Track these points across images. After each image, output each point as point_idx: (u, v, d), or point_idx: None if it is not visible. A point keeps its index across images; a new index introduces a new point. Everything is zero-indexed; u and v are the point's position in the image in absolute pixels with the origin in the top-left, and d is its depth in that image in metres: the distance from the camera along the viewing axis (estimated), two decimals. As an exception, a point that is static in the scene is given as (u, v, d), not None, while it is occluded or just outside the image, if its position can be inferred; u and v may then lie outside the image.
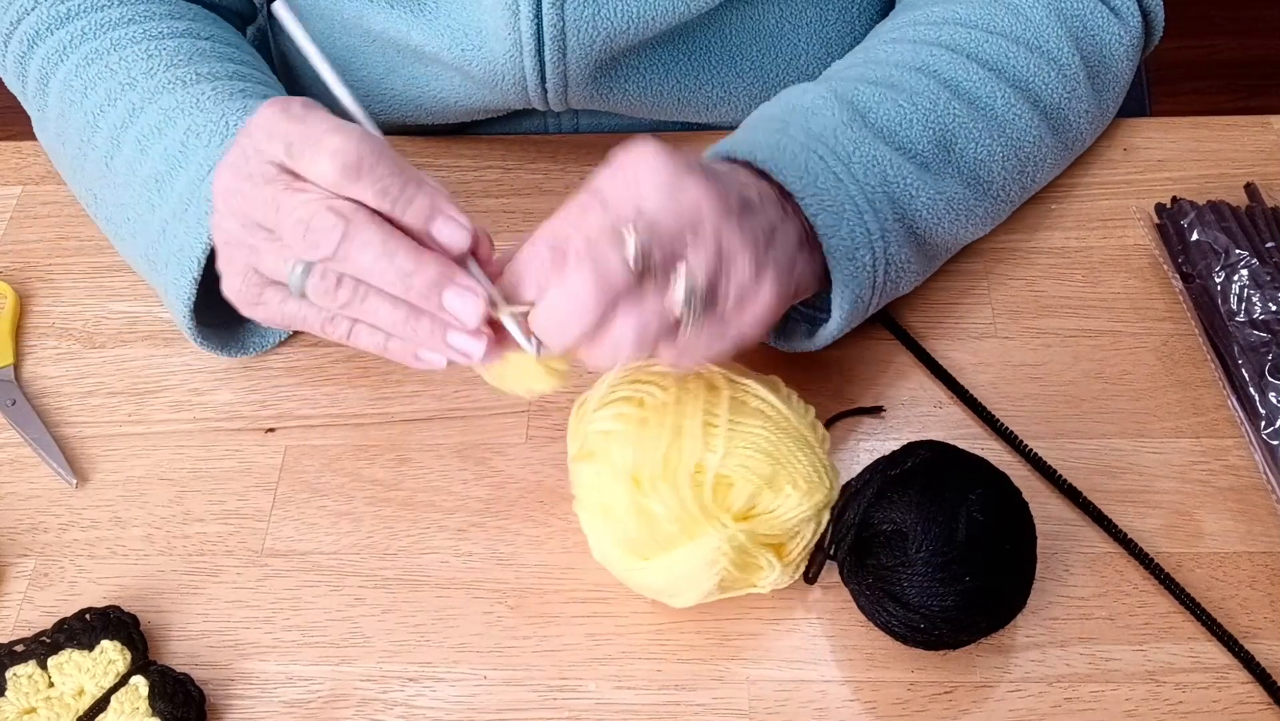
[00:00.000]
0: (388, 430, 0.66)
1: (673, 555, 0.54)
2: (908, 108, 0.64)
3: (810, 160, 0.59)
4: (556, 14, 0.68)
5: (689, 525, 0.53)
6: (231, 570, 0.61)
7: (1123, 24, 0.71)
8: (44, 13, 0.68)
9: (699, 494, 0.53)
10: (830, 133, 0.61)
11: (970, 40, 0.67)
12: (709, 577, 0.54)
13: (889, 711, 0.56)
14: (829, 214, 0.58)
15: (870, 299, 0.62)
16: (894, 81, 0.65)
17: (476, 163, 0.78)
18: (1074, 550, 0.60)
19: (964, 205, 0.65)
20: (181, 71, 0.65)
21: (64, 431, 0.67)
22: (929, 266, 0.67)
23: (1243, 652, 0.56)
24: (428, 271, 0.48)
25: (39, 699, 0.55)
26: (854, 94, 0.64)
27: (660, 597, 0.57)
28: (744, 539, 0.54)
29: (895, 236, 0.61)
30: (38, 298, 0.73)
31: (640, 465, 0.54)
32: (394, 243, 0.48)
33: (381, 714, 0.57)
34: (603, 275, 0.47)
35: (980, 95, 0.66)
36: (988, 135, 0.66)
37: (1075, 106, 0.69)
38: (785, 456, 0.54)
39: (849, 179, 0.60)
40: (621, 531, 0.55)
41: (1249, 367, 0.64)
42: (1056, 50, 0.68)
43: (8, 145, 0.81)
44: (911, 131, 0.63)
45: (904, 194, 0.62)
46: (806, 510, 0.55)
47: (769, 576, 0.56)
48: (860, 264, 0.60)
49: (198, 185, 0.61)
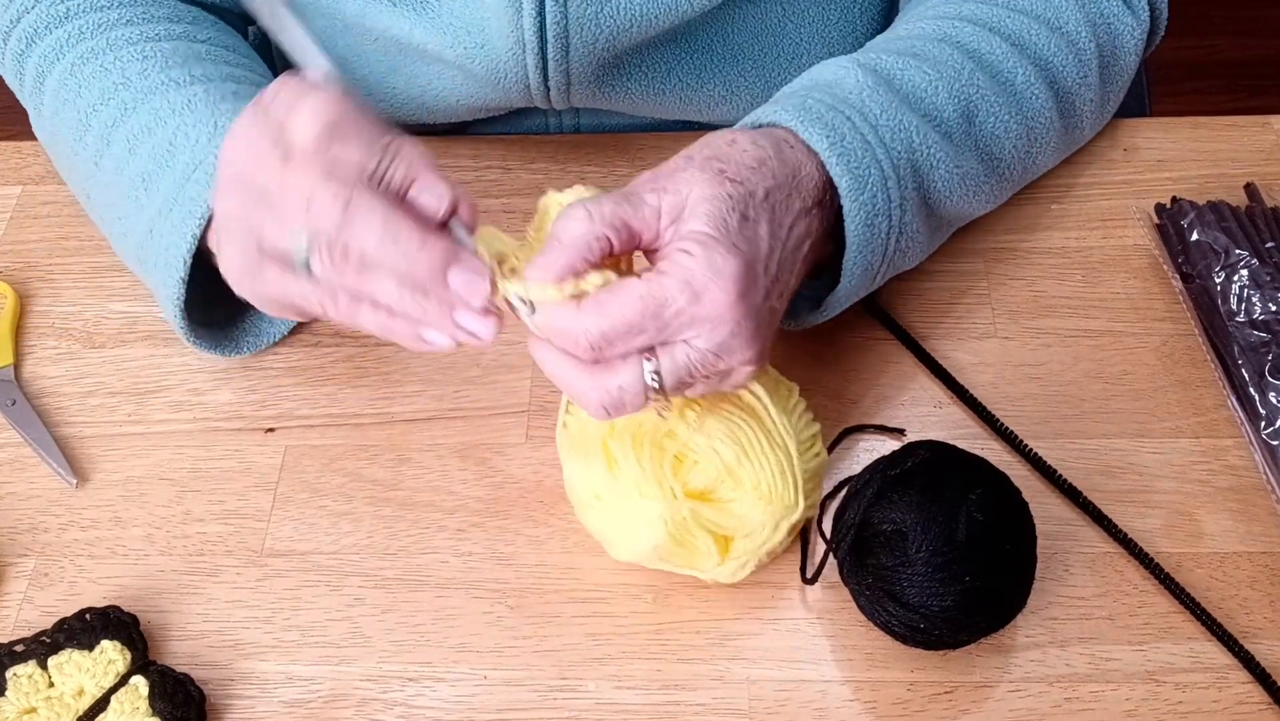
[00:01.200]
0: (388, 430, 0.66)
1: (619, 505, 0.56)
2: (933, 75, 0.63)
3: (838, 121, 0.58)
4: (559, 12, 0.68)
5: (641, 483, 0.55)
6: (231, 570, 0.61)
7: (1135, 17, 0.71)
8: (43, 11, 0.68)
9: (658, 457, 0.55)
10: (857, 96, 0.60)
11: (993, 15, 0.67)
12: (645, 539, 0.56)
13: (889, 711, 0.56)
14: (853, 177, 0.57)
15: (880, 269, 0.62)
16: (917, 51, 0.64)
17: (476, 163, 0.78)
18: (1074, 550, 0.60)
19: (975, 180, 0.65)
20: (176, 73, 0.65)
21: (64, 431, 0.67)
22: (933, 242, 0.67)
23: (1243, 652, 0.56)
24: (433, 252, 0.48)
25: (39, 699, 0.55)
26: (878, 63, 0.63)
27: (602, 542, 0.59)
28: (687, 516, 0.55)
29: (912, 206, 0.61)
30: (38, 298, 0.73)
31: None
32: (396, 221, 0.48)
33: (381, 714, 0.57)
34: (611, 394, 0.51)
35: (1003, 69, 0.65)
36: (1006, 110, 0.65)
37: (1084, 94, 0.69)
38: (755, 455, 0.55)
39: (877, 143, 0.59)
40: (586, 464, 0.57)
41: (1249, 367, 0.64)
42: (1075, 33, 0.68)
43: (8, 145, 0.81)
44: (938, 98, 0.63)
45: (926, 163, 0.61)
46: (760, 514, 0.56)
47: (707, 563, 0.57)
48: (877, 231, 0.59)
49: (182, 185, 0.61)
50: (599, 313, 0.49)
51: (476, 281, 0.49)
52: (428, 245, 0.48)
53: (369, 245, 0.48)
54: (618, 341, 0.50)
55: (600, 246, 0.51)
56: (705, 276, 0.50)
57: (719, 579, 0.58)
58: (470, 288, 0.49)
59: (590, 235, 0.50)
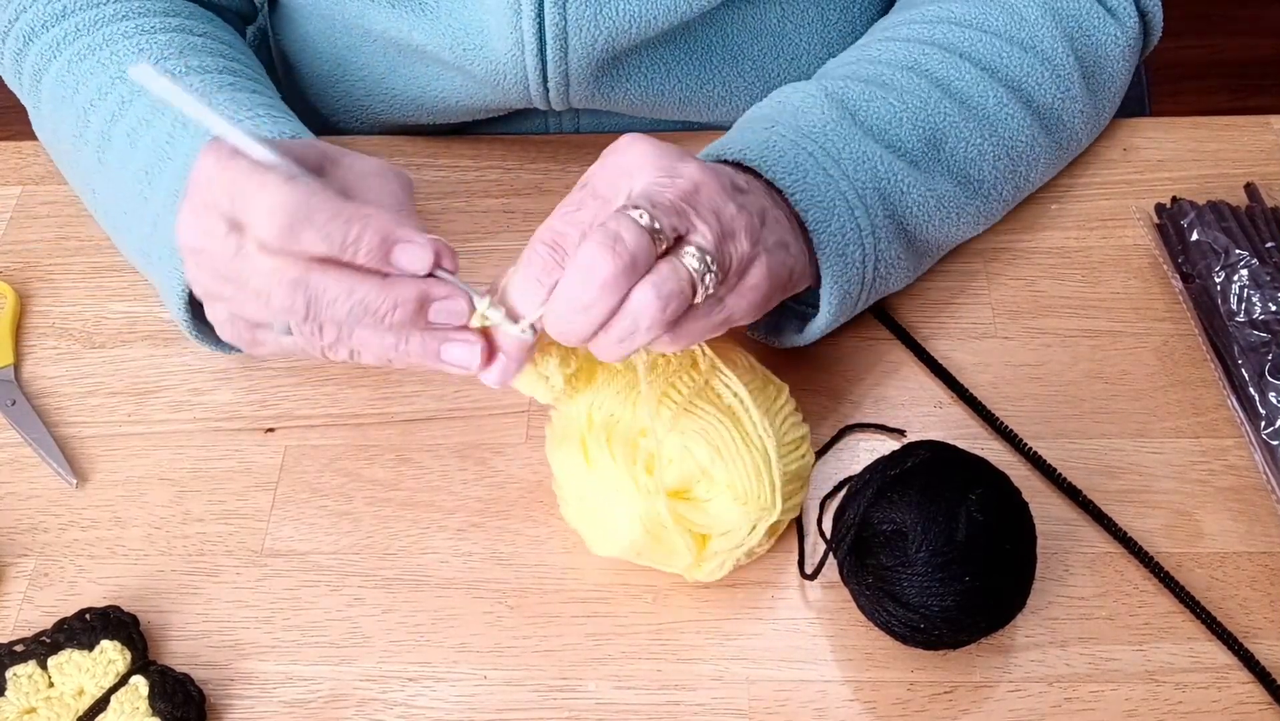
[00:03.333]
0: (388, 430, 0.66)
1: (598, 501, 0.57)
2: (898, 106, 0.64)
3: (800, 156, 0.59)
4: (558, 13, 0.68)
5: (618, 480, 0.56)
6: (231, 570, 0.61)
7: (1119, 24, 0.71)
8: (40, 10, 0.69)
9: (631, 454, 0.55)
10: (820, 130, 0.61)
11: (964, 39, 0.67)
12: (622, 535, 0.56)
13: (889, 711, 0.56)
14: (819, 209, 0.58)
15: (860, 295, 0.62)
16: (884, 80, 0.65)
17: (476, 163, 0.78)
18: (1074, 550, 0.60)
19: (954, 203, 0.65)
20: (171, 64, 0.66)
21: (64, 431, 0.67)
22: (920, 264, 0.67)
23: (1243, 652, 0.56)
24: (406, 305, 0.48)
25: (39, 699, 0.55)
26: (844, 92, 0.64)
27: (583, 537, 0.60)
28: (662, 513, 0.55)
29: (885, 233, 0.62)
30: (38, 298, 0.73)
31: (595, 408, 0.56)
32: (359, 289, 0.48)
33: (381, 714, 0.57)
34: (618, 248, 0.46)
35: (972, 94, 0.66)
36: (978, 134, 0.66)
37: (1069, 107, 0.69)
38: (730, 455, 0.55)
39: (839, 175, 0.60)
40: (567, 460, 0.57)
41: (1249, 368, 0.64)
42: (1050, 50, 0.68)
43: (8, 145, 0.81)
44: (901, 130, 0.63)
45: (894, 190, 0.62)
46: (736, 514, 0.56)
47: (684, 561, 0.57)
48: (850, 260, 0.60)
49: (183, 177, 0.60)
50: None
51: (455, 311, 0.49)
52: (398, 299, 0.48)
53: (339, 317, 0.48)
54: (560, 223, 0.49)
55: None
56: (671, 157, 0.50)
57: (698, 577, 0.58)
58: (450, 318, 0.49)
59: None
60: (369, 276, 0.48)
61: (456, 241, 0.73)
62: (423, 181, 0.77)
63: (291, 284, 0.47)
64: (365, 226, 0.47)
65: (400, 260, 0.48)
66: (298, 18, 0.81)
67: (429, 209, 0.75)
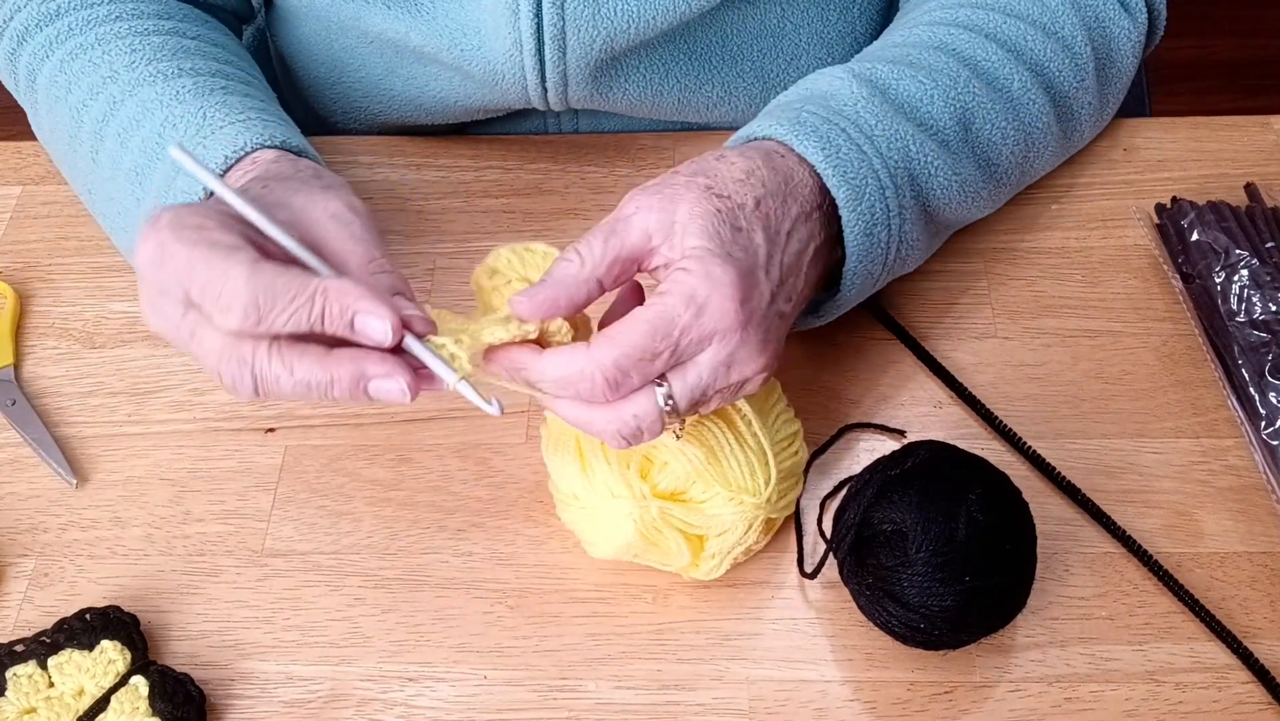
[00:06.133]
0: (388, 430, 0.66)
1: (593, 504, 0.57)
2: (928, 84, 0.63)
3: (833, 133, 0.59)
4: (556, 13, 0.68)
5: (612, 484, 0.56)
6: (231, 570, 0.61)
7: (1132, 20, 0.71)
8: (34, 10, 0.69)
9: (625, 458, 0.56)
10: (852, 108, 0.60)
11: (989, 21, 0.67)
12: (618, 538, 0.56)
13: (889, 711, 0.56)
14: (850, 187, 0.58)
15: (880, 276, 0.62)
16: (913, 60, 0.64)
17: (476, 163, 0.78)
18: (1074, 550, 0.60)
19: (974, 186, 0.65)
20: (164, 65, 0.66)
21: (64, 431, 0.67)
22: (930, 247, 0.67)
23: (1243, 652, 0.56)
24: (342, 382, 0.48)
25: (39, 699, 0.55)
26: (872, 73, 0.63)
27: (580, 540, 0.60)
28: (656, 516, 0.55)
29: (910, 214, 0.61)
30: (38, 298, 0.73)
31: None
32: (300, 369, 0.48)
33: (381, 714, 0.57)
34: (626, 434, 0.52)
35: (998, 75, 0.65)
36: (1003, 117, 0.65)
37: (1082, 97, 0.69)
38: (724, 456, 0.56)
39: (873, 153, 0.59)
40: (563, 464, 0.58)
41: (1249, 368, 0.64)
42: (1071, 38, 0.68)
43: (8, 145, 0.81)
44: (933, 107, 0.63)
45: (924, 171, 0.61)
46: (732, 513, 0.56)
47: (680, 561, 0.57)
48: (876, 240, 0.59)
49: (173, 178, 0.61)
50: (611, 344, 0.50)
51: (397, 392, 0.49)
52: (335, 376, 0.48)
53: (285, 395, 0.49)
54: (634, 371, 0.50)
55: (589, 292, 0.52)
56: (706, 288, 0.50)
57: (696, 576, 0.58)
58: (394, 397, 0.49)
59: (580, 279, 0.51)
60: (308, 353, 0.48)
61: (456, 241, 0.74)
62: (423, 181, 0.77)
63: (239, 363, 0.48)
64: (328, 292, 0.47)
65: (365, 328, 0.48)
66: (295, 19, 0.81)
67: (429, 209, 0.75)
